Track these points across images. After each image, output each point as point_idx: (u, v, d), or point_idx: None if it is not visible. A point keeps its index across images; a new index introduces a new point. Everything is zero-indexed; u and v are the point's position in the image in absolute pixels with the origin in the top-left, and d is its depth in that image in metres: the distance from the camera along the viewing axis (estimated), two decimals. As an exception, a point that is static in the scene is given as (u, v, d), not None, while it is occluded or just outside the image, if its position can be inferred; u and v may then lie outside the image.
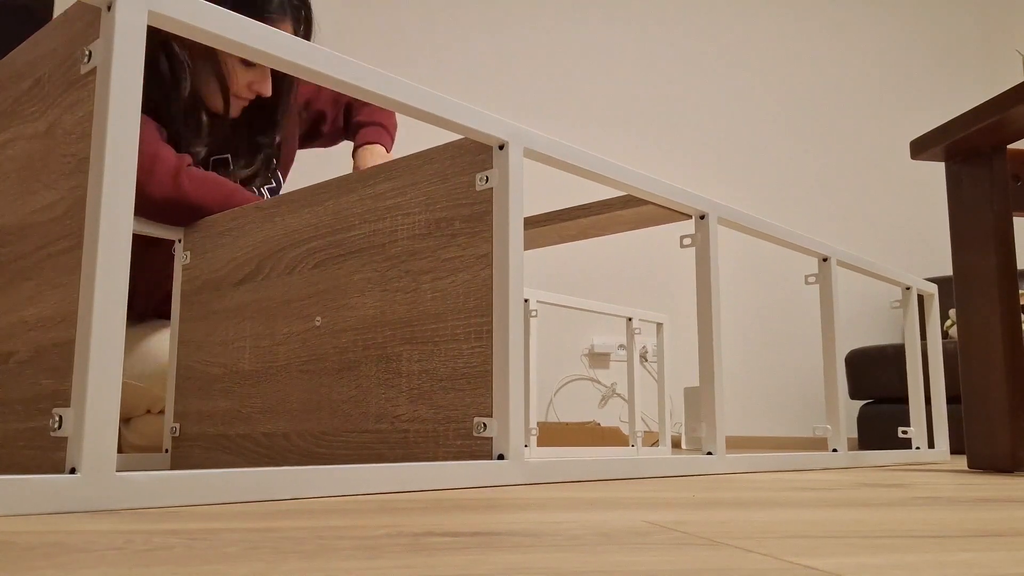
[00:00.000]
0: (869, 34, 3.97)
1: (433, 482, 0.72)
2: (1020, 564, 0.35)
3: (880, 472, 1.21)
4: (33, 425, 0.64)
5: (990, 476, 1.10)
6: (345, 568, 0.31)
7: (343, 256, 1.01)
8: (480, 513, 0.52)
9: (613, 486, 0.80)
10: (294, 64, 0.68)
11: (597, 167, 0.97)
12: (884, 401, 3.01)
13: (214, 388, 1.14)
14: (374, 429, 0.94)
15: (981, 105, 1.18)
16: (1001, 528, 0.48)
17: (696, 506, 0.59)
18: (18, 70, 0.73)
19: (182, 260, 1.23)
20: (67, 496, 0.51)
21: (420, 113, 0.78)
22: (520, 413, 0.81)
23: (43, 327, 0.64)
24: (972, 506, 0.63)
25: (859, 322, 3.73)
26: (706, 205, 1.14)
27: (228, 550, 0.35)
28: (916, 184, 3.91)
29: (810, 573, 0.32)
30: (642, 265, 3.52)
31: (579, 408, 3.37)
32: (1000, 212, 1.22)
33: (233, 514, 0.50)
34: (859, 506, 0.61)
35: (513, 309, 0.82)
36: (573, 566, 0.32)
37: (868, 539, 0.42)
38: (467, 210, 0.88)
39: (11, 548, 0.35)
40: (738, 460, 1.12)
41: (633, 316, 2.21)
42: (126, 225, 0.56)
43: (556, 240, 1.39)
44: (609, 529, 0.45)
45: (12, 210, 0.71)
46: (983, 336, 1.21)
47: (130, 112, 0.57)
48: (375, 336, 0.95)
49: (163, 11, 0.60)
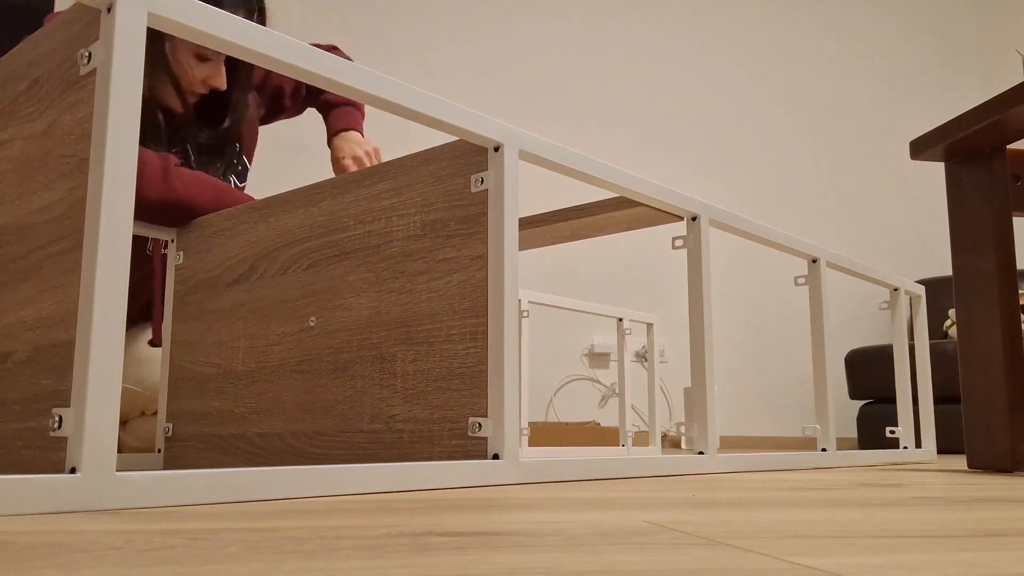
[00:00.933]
0: (867, 34, 3.99)
1: (428, 482, 0.72)
2: (1020, 564, 0.35)
3: (878, 472, 1.22)
4: (32, 425, 0.64)
5: (990, 476, 1.11)
6: (345, 568, 0.31)
7: (338, 257, 1.01)
8: (479, 513, 0.52)
9: (608, 486, 0.80)
10: (292, 66, 0.69)
11: (591, 169, 0.98)
12: (884, 401, 3.02)
13: (208, 388, 1.14)
14: (369, 429, 0.94)
15: (981, 105, 1.18)
16: (1001, 528, 0.48)
17: (695, 506, 0.60)
18: (16, 70, 0.73)
19: (175, 260, 1.23)
20: (67, 496, 0.51)
21: (416, 115, 0.79)
22: (515, 413, 0.82)
23: (42, 327, 0.64)
24: (972, 506, 0.64)
25: (859, 322, 3.74)
26: (698, 207, 1.15)
27: (228, 550, 0.35)
28: (915, 185, 3.93)
29: (810, 573, 0.32)
30: (636, 266, 3.53)
31: (579, 408, 3.38)
32: (1000, 212, 1.22)
33: (233, 514, 0.50)
34: (858, 506, 0.62)
35: (508, 310, 0.83)
36: (573, 566, 0.33)
37: (868, 539, 0.42)
38: (462, 211, 0.88)
39: (11, 548, 0.35)
40: (729, 460, 1.13)
41: (624, 317, 2.22)
42: (126, 226, 0.56)
43: (549, 241, 1.40)
44: (608, 529, 0.45)
45: (10, 210, 0.71)
46: (983, 336, 1.22)
47: (130, 113, 0.58)
48: (370, 336, 0.96)
49: (162, 13, 0.60)
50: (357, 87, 0.73)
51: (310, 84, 1.63)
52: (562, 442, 2.43)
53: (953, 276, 1.27)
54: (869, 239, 3.84)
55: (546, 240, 1.39)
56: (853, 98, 3.93)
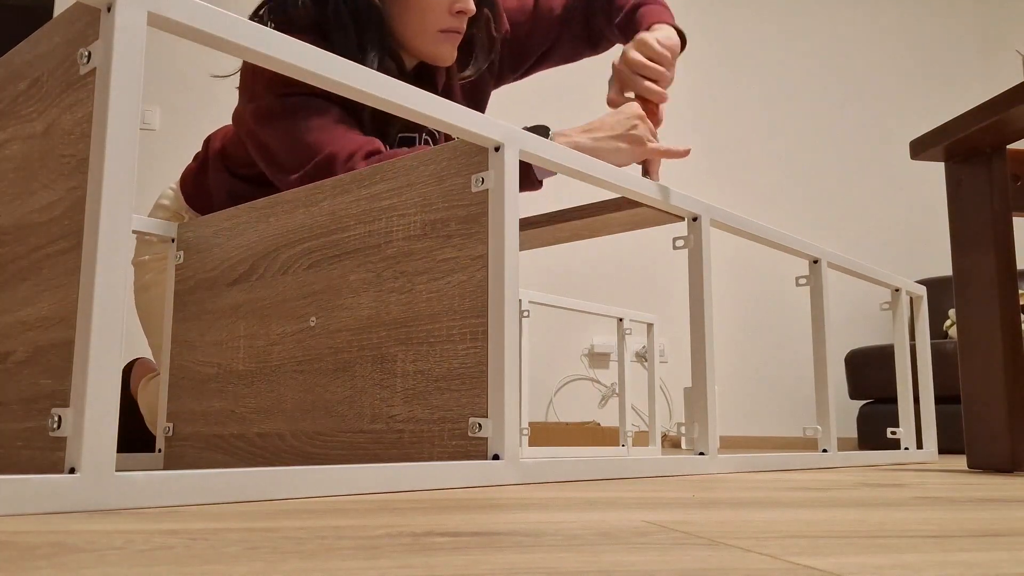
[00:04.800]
0: (867, 34, 3.99)
1: (429, 482, 0.72)
2: (1020, 564, 0.35)
3: (879, 472, 1.22)
4: (31, 425, 0.64)
5: (990, 476, 1.11)
6: (345, 568, 0.31)
7: (338, 257, 1.01)
8: (480, 513, 0.52)
9: (609, 486, 0.80)
10: (293, 66, 0.69)
11: (591, 169, 0.98)
12: (884, 401, 3.02)
13: (208, 388, 1.14)
14: (369, 429, 0.94)
15: (981, 105, 1.18)
16: (1001, 528, 0.48)
17: (695, 506, 0.60)
18: (15, 70, 0.73)
19: (175, 260, 1.23)
20: (67, 496, 0.51)
21: (417, 115, 0.79)
22: (515, 413, 0.82)
23: (41, 327, 0.64)
24: (972, 506, 0.63)
25: (859, 322, 3.74)
26: (699, 207, 1.15)
27: (228, 550, 0.35)
28: (915, 185, 3.93)
29: (810, 573, 0.32)
30: (636, 266, 3.53)
31: (579, 408, 3.38)
32: (1000, 212, 1.22)
33: (233, 514, 0.50)
34: (859, 506, 0.62)
35: (508, 310, 0.83)
36: (573, 566, 0.33)
37: (868, 539, 0.42)
38: (463, 211, 0.88)
39: (11, 548, 0.35)
40: (729, 460, 1.13)
41: (624, 317, 2.22)
42: (125, 226, 0.56)
43: (550, 241, 1.40)
44: (609, 529, 0.45)
45: (9, 210, 0.71)
46: (983, 336, 1.22)
47: (130, 113, 0.57)
48: (370, 337, 0.95)
49: (163, 12, 0.60)
50: (359, 87, 0.73)
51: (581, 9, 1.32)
52: (562, 442, 2.43)
53: (953, 276, 1.27)
54: (868, 239, 3.84)
55: (546, 240, 1.39)
56: (853, 98, 3.93)
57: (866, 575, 0.32)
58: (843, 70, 3.93)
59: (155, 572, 0.29)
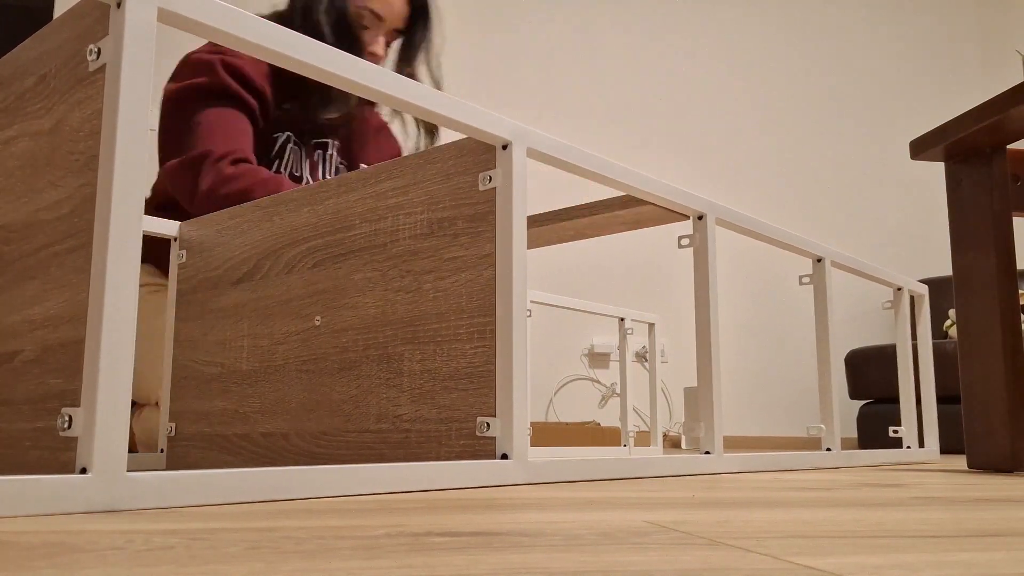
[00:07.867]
0: (868, 34, 3.99)
1: (436, 482, 0.72)
2: (1020, 564, 0.35)
3: (879, 472, 1.22)
4: (40, 425, 0.63)
5: (989, 476, 1.11)
6: (345, 568, 0.31)
7: (343, 255, 1.00)
8: (480, 513, 0.52)
9: (613, 486, 0.80)
10: (305, 63, 0.68)
11: (598, 167, 0.97)
12: (884, 401, 3.02)
13: (211, 388, 1.13)
14: (375, 429, 0.94)
15: (981, 105, 1.18)
16: (1001, 528, 0.48)
17: (696, 506, 0.60)
18: (23, 66, 0.72)
19: (178, 259, 1.22)
20: (78, 496, 0.51)
21: (424, 112, 0.78)
22: (524, 412, 0.82)
23: (50, 326, 0.63)
24: (971, 506, 0.63)
25: (859, 322, 3.75)
26: (704, 206, 1.15)
27: (228, 550, 0.35)
28: (915, 185, 3.94)
29: (810, 573, 0.32)
30: (639, 265, 3.53)
31: (579, 408, 3.38)
32: (1000, 212, 1.22)
33: (233, 514, 0.50)
34: (859, 506, 0.62)
35: (516, 309, 0.83)
36: (573, 566, 0.32)
37: (868, 539, 0.42)
38: (470, 210, 0.88)
39: (11, 548, 0.35)
40: (735, 460, 1.13)
41: (625, 316, 2.22)
42: (136, 223, 0.56)
43: (554, 240, 1.39)
44: (609, 529, 0.45)
45: (16, 208, 0.70)
46: (983, 336, 1.22)
47: (140, 110, 0.57)
48: (376, 336, 0.95)
49: (173, 8, 0.60)
50: (368, 84, 0.73)
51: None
52: (562, 442, 2.42)
53: (953, 276, 1.27)
54: (867, 239, 3.84)
55: (551, 239, 1.39)
56: (854, 98, 3.93)
57: (865, 575, 0.31)
58: (843, 70, 3.94)
59: (155, 572, 0.29)
